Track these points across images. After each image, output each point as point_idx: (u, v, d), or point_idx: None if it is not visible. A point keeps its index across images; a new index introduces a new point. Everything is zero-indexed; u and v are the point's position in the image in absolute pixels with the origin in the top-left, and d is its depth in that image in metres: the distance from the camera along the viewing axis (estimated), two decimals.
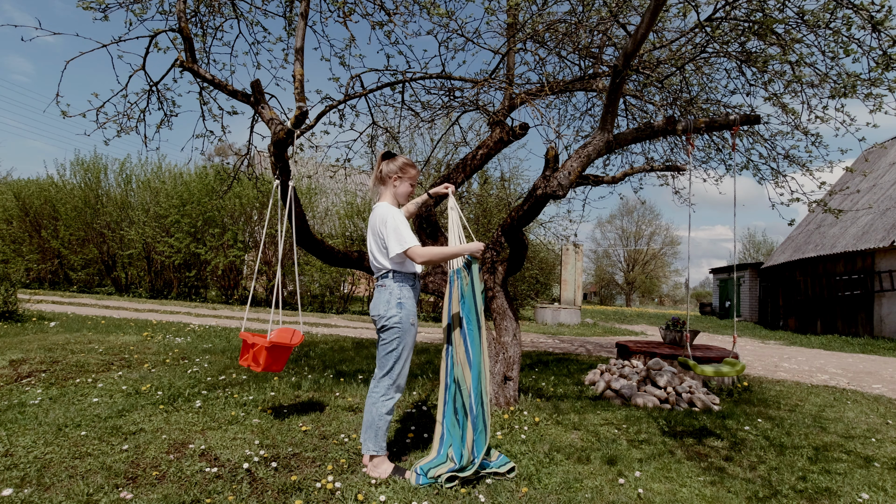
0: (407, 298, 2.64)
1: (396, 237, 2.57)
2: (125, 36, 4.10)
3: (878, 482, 2.87)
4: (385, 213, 2.64)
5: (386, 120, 5.94)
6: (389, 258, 2.63)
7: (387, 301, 2.61)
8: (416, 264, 2.68)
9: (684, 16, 3.84)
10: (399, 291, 2.63)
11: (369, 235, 2.73)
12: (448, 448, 2.69)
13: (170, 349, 5.57)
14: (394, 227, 2.58)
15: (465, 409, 2.68)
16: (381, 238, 2.64)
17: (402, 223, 2.61)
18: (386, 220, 2.61)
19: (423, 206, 3.25)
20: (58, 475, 2.37)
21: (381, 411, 2.61)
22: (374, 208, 2.74)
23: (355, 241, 14.19)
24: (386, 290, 2.64)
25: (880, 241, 13.06)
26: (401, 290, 2.64)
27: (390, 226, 2.59)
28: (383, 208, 2.67)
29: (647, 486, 2.65)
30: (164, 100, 4.87)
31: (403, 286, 2.65)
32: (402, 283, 2.66)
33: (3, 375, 4.07)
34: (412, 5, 3.98)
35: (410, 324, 2.63)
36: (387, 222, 2.60)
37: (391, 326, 2.60)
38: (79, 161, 14.87)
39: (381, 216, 2.64)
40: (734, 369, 3.21)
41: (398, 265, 2.65)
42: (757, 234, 46.58)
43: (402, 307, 2.61)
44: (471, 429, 2.64)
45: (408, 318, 2.62)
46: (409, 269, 2.69)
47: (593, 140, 3.53)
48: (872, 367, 8.09)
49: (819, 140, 4.66)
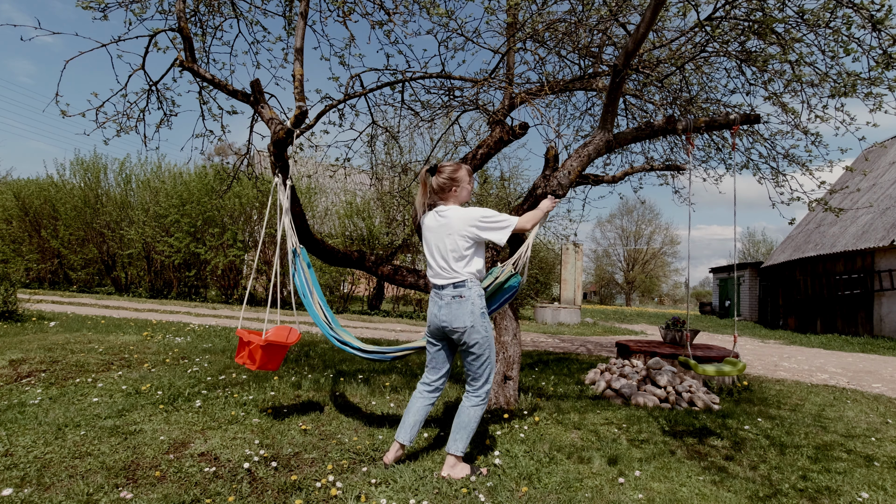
0: (485, 307, 2.65)
1: (497, 225, 2.59)
2: (125, 35, 4.09)
3: (878, 481, 2.87)
4: (468, 213, 2.61)
5: (386, 119, 5.94)
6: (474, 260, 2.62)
7: (470, 312, 2.57)
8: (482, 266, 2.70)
9: (684, 15, 3.83)
10: (480, 301, 2.62)
11: (439, 244, 2.65)
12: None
13: (170, 349, 5.57)
14: (489, 217, 2.59)
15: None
16: (470, 239, 2.61)
17: (490, 211, 2.63)
18: (475, 217, 2.59)
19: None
20: (58, 475, 2.37)
21: (478, 415, 2.67)
22: (445, 214, 2.67)
23: (355, 241, 14.19)
24: (467, 301, 2.58)
25: (880, 240, 13.06)
26: (480, 299, 2.63)
27: (485, 219, 2.59)
28: (459, 210, 2.64)
29: (648, 486, 2.65)
30: (164, 99, 4.86)
31: (482, 295, 2.65)
32: (481, 292, 2.66)
33: (2, 375, 4.07)
34: (412, 5, 3.97)
35: (492, 328, 2.66)
36: (478, 219, 2.59)
37: (479, 340, 2.60)
38: (78, 161, 14.86)
39: (466, 218, 2.60)
40: (734, 369, 3.21)
41: (476, 273, 2.63)
42: (757, 234, 46.58)
43: (485, 317, 2.63)
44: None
45: (491, 327, 2.65)
46: (482, 276, 2.69)
47: (593, 139, 3.53)
48: (872, 367, 8.09)
49: (819, 139, 4.65)
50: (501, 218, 2.62)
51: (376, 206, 15.00)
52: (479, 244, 2.66)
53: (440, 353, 2.75)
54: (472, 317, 2.57)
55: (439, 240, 2.65)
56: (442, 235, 2.64)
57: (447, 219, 2.65)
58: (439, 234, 2.66)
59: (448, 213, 2.66)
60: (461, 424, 2.65)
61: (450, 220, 2.63)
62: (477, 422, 2.67)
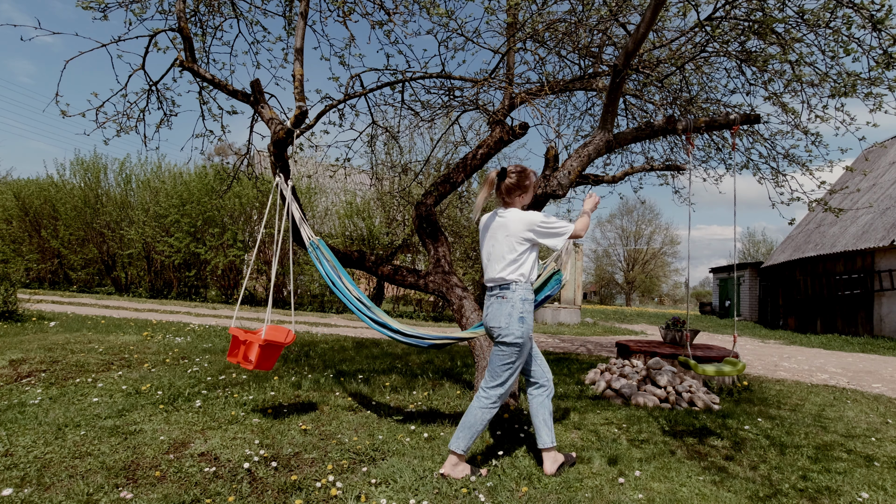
0: (528, 313, 2.63)
1: (555, 231, 2.64)
2: (125, 35, 4.09)
3: (878, 481, 2.87)
4: (527, 217, 2.64)
5: (386, 119, 5.94)
6: (525, 263, 2.63)
7: (508, 315, 2.59)
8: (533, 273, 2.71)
9: (684, 15, 3.83)
10: (522, 306, 2.61)
11: (494, 244, 2.68)
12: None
13: (170, 349, 5.57)
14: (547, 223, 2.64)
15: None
16: (525, 242, 2.64)
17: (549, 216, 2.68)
18: (534, 222, 2.63)
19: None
20: (58, 475, 2.37)
21: (486, 417, 2.66)
22: (504, 215, 2.70)
23: (355, 241, 14.19)
24: (507, 302, 2.60)
25: (880, 240, 13.06)
26: (523, 304, 2.62)
27: (544, 225, 2.63)
28: (518, 213, 2.67)
29: (648, 486, 2.65)
30: (164, 99, 4.87)
31: (526, 300, 2.63)
32: (526, 296, 2.64)
33: (3, 375, 4.07)
34: (412, 5, 3.97)
35: (529, 338, 2.65)
36: (537, 224, 2.63)
37: (512, 343, 2.60)
38: (78, 161, 14.86)
39: (525, 222, 2.63)
40: (734, 369, 3.21)
41: (523, 276, 2.64)
42: (757, 234, 46.59)
43: (523, 322, 2.60)
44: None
45: (528, 333, 2.62)
46: (531, 280, 2.68)
47: (593, 139, 3.53)
48: (872, 367, 8.09)
49: (819, 139, 4.66)
50: (559, 224, 2.66)
51: (376, 206, 15.00)
52: (532, 248, 2.69)
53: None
54: (508, 319, 2.58)
55: (494, 240, 2.69)
56: (498, 236, 2.68)
57: (505, 220, 2.68)
58: (495, 234, 2.70)
59: (507, 214, 2.70)
60: (467, 424, 2.66)
61: (508, 222, 2.67)
62: (483, 424, 2.67)
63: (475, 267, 13.49)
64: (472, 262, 13.69)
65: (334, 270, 3.38)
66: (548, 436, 2.75)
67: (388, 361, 5.85)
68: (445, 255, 4.41)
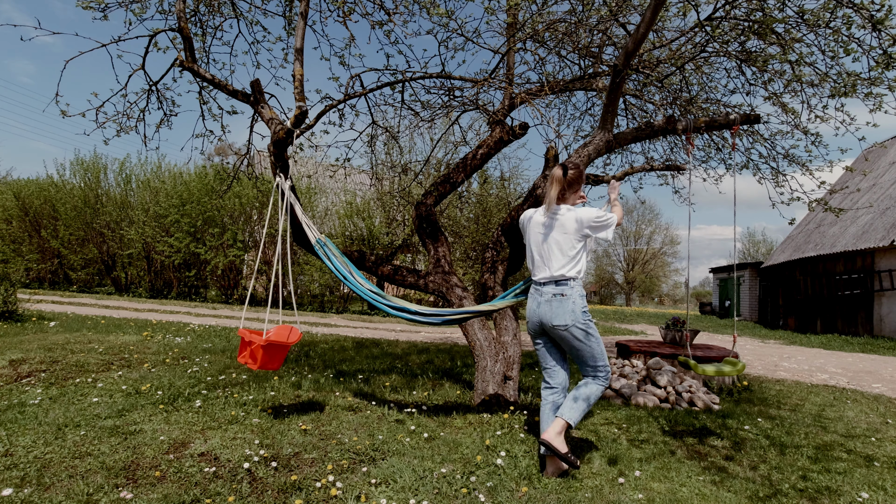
0: (587, 307, 2.72)
1: (606, 224, 2.71)
2: (125, 36, 4.10)
3: (878, 481, 2.87)
4: (584, 214, 2.71)
5: (386, 119, 5.94)
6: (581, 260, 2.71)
7: (571, 311, 2.65)
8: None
9: (684, 15, 3.83)
10: (581, 301, 2.69)
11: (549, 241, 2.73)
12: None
13: (170, 349, 5.57)
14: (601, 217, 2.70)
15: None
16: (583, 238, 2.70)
17: (600, 211, 2.78)
18: (590, 218, 2.69)
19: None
20: (58, 475, 2.37)
21: (599, 393, 2.74)
22: (559, 212, 2.75)
23: (355, 241, 14.19)
24: (568, 300, 2.66)
25: (880, 240, 13.06)
26: (581, 299, 2.70)
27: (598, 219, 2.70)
28: (574, 210, 2.73)
29: (648, 486, 2.65)
30: (164, 99, 4.87)
31: (583, 295, 2.72)
32: (582, 292, 2.72)
33: (3, 375, 4.07)
34: (412, 5, 3.98)
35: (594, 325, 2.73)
36: (593, 219, 2.69)
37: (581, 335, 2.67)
38: (78, 161, 14.86)
39: (583, 218, 2.70)
40: (734, 369, 3.21)
41: (580, 272, 2.71)
42: (757, 234, 46.60)
43: (586, 314, 2.69)
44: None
45: (593, 323, 2.74)
46: (584, 276, 2.78)
47: (593, 139, 3.52)
48: (872, 367, 8.09)
49: (819, 139, 4.66)
50: (608, 216, 2.74)
51: (376, 206, 15.00)
52: (586, 244, 2.77)
53: (547, 350, 2.82)
54: (572, 315, 2.64)
55: (550, 237, 2.73)
56: (555, 233, 2.72)
57: (563, 218, 2.72)
58: (552, 231, 2.73)
59: (563, 211, 2.74)
60: (581, 395, 2.70)
61: (565, 220, 2.72)
62: (596, 398, 2.74)
63: (475, 267, 13.48)
64: (472, 262, 13.69)
65: (344, 266, 3.44)
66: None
67: (388, 361, 5.85)
68: (445, 255, 4.41)
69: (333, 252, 3.49)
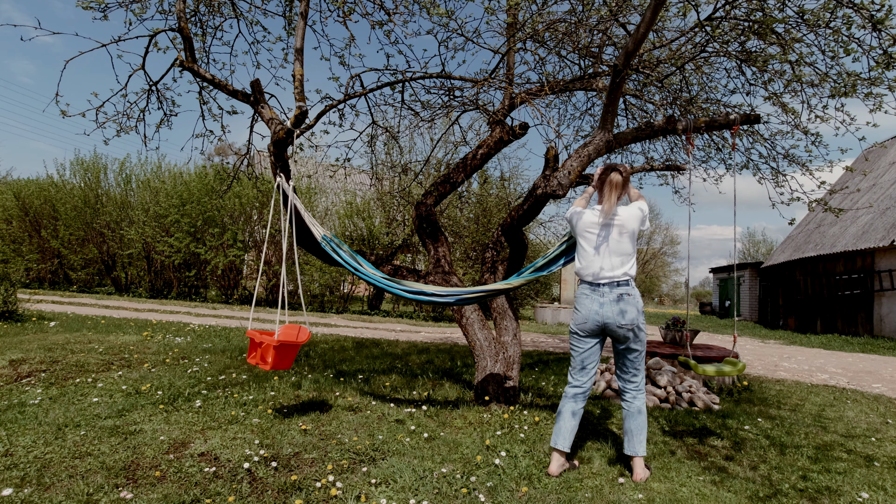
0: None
1: (648, 214, 2.84)
2: (125, 36, 4.10)
3: (878, 481, 2.87)
4: (636, 210, 2.79)
5: (386, 119, 5.94)
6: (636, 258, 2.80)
7: (637, 310, 2.71)
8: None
9: (684, 15, 3.83)
10: (640, 298, 2.76)
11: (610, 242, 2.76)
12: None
13: (170, 349, 5.57)
14: (645, 209, 2.82)
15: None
16: (636, 235, 2.77)
17: (643, 202, 2.88)
18: (642, 213, 2.80)
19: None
20: (58, 475, 2.37)
21: (645, 411, 2.81)
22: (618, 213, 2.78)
23: (355, 241, 14.18)
24: (633, 298, 2.71)
25: (880, 240, 13.06)
26: (639, 296, 2.77)
27: (644, 211, 2.82)
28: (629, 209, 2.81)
29: (648, 486, 2.65)
30: (164, 99, 4.87)
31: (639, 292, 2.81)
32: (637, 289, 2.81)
33: (3, 375, 4.07)
34: (412, 5, 3.97)
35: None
36: (644, 213, 2.81)
37: (642, 336, 2.75)
38: (78, 161, 14.86)
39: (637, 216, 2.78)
40: (734, 369, 3.21)
41: (636, 269, 2.80)
42: (757, 234, 46.59)
43: (642, 312, 2.75)
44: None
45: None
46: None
47: (593, 140, 3.52)
48: (872, 367, 8.09)
49: (819, 139, 4.65)
50: (646, 207, 2.85)
51: (376, 206, 15.00)
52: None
53: (592, 350, 2.84)
54: (639, 315, 2.72)
55: (609, 238, 2.76)
56: (615, 234, 2.76)
57: (622, 218, 2.76)
58: (611, 232, 2.76)
59: (621, 212, 2.78)
60: (641, 425, 2.77)
61: (624, 220, 2.76)
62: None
63: (475, 267, 13.48)
64: (472, 262, 13.69)
65: (353, 259, 3.49)
66: (566, 442, 2.78)
67: (389, 361, 5.85)
68: (445, 255, 4.41)
69: (340, 246, 3.53)
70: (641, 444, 2.75)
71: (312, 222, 3.58)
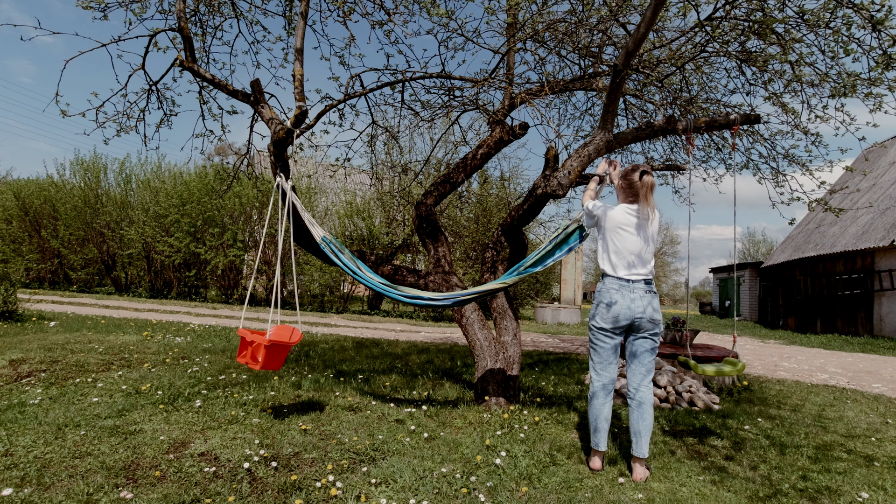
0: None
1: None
2: (125, 35, 4.10)
3: (878, 481, 2.87)
4: (657, 214, 2.94)
5: (386, 119, 5.94)
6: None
7: (659, 308, 2.85)
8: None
9: (684, 15, 3.83)
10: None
11: (641, 241, 2.87)
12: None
13: (170, 349, 5.57)
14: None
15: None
16: (656, 239, 2.92)
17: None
18: (658, 220, 2.95)
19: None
20: (58, 475, 2.37)
21: (652, 407, 2.89)
22: (648, 216, 2.90)
23: (355, 241, 14.18)
24: (656, 296, 2.86)
25: (880, 240, 13.06)
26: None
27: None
28: (655, 214, 2.91)
29: (648, 486, 2.65)
30: (164, 99, 4.87)
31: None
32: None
33: (3, 375, 4.07)
34: (412, 5, 3.97)
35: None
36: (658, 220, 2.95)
37: (660, 332, 2.88)
38: (78, 161, 14.85)
39: (658, 221, 2.94)
40: (734, 369, 3.21)
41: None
42: (757, 234, 46.57)
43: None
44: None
45: None
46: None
47: (593, 139, 3.52)
48: (872, 367, 8.09)
49: (819, 139, 4.65)
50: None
51: (376, 206, 15.00)
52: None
53: (617, 344, 2.93)
54: (659, 310, 2.85)
55: (640, 237, 2.87)
56: (644, 234, 2.88)
57: (651, 221, 2.89)
58: (641, 232, 2.87)
59: (650, 214, 2.90)
60: (649, 426, 2.83)
61: (652, 221, 2.89)
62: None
63: (475, 267, 13.48)
64: (472, 262, 13.69)
65: (353, 262, 3.51)
66: (605, 441, 2.90)
67: (388, 361, 5.85)
68: (445, 255, 4.41)
69: (340, 249, 3.54)
70: (647, 445, 2.80)
71: (312, 223, 3.58)
